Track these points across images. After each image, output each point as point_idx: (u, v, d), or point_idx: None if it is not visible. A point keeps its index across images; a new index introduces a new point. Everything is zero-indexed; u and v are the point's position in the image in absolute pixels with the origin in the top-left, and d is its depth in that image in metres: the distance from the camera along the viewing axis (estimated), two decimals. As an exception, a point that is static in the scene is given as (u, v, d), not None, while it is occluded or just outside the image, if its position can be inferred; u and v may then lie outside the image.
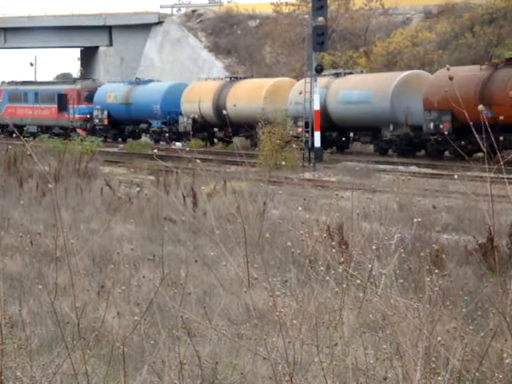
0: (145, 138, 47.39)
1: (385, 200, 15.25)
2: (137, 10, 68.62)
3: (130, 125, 48.63)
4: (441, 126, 30.93)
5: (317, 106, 30.78)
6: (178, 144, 42.11)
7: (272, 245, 9.70)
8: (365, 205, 11.65)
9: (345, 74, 38.07)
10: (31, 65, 8.82)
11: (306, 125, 31.34)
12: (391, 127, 34.15)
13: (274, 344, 4.53)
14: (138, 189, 17.35)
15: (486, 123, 3.96)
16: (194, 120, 44.52)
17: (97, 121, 50.33)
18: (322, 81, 35.38)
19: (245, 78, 45.06)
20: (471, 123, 4.25)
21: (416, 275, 7.42)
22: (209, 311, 5.83)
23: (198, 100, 44.25)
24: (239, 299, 7.56)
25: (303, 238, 5.35)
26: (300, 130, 34.02)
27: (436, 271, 5.07)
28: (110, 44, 68.29)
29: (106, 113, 49.64)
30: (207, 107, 43.70)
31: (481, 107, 3.89)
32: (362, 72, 39.22)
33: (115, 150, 40.56)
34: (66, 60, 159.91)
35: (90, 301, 6.86)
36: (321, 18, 30.40)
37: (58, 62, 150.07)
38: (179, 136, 44.41)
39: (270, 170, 23.52)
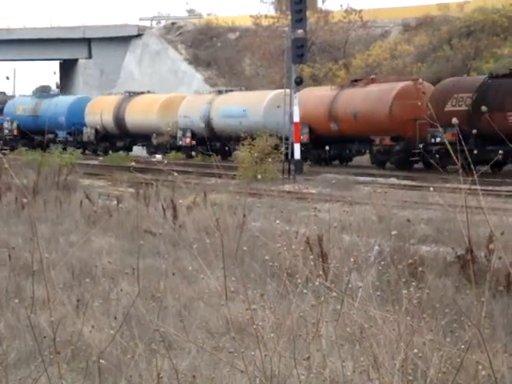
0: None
1: (364, 212, 15.30)
2: (116, 23, 68.58)
3: (38, 135, 51.29)
4: (301, 137, 34.69)
5: (296, 118, 30.85)
6: (158, 156, 42.31)
7: (252, 258, 9.70)
8: (344, 217, 11.67)
9: (226, 91, 44.17)
10: (7, 78, 8.80)
11: (286, 137, 31.42)
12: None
13: (252, 357, 4.54)
14: (117, 202, 17.32)
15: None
16: (96, 131, 50.22)
17: (7, 131, 55.19)
18: (206, 97, 43.60)
19: (142, 93, 50.14)
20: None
21: (394, 287, 7.44)
22: (187, 324, 5.83)
23: (100, 112, 49.95)
24: (218, 312, 7.56)
25: (281, 250, 5.36)
26: (188, 140, 42.46)
27: (413, 283, 5.09)
28: (90, 56, 68.19)
29: (15, 124, 54.49)
30: (108, 119, 49.35)
31: (454, 120, 3.93)
32: (240, 89, 44.71)
33: (95, 162, 40.49)
34: (45, 73, 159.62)
35: (68, 314, 6.84)
36: (300, 31, 30.51)
37: (37, 75, 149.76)
38: (83, 145, 48.92)
39: (249, 183, 23.54)
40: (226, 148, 41.60)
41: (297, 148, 30.62)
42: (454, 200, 13.83)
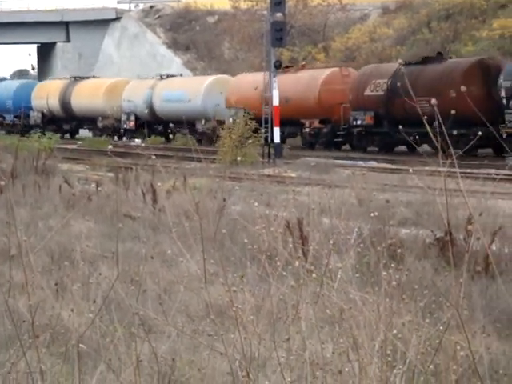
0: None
1: (344, 195, 15.33)
2: (94, 6, 68.01)
3: None
4: (237, 121, 36.27)
5: (276, 102, 30.81)
6: (137, 141, 42.35)
7: (232, 241, 9.69)
8: (324, 200, 11.68)
9: (167, 76, 46.52)
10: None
11: (266, 121, 31.40)
12: (203, 121, 41.76)
13: (231, 340, 4.54)
14: (97, 186, 17.26)
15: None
16: (43, 114, 52.35)
17: None
18: (149, 82, 45.75)
19: (87, 77, 52.31)
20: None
21: (374, 270, 7.47)
22: (167, 308, 5.82)
23: (46, 97, 51.86)
24: (198, 296, 7.55)
25: (260, 233, 5.36)
26: (132, 124, 45.07)
27: (393, 265, 5.11)
28: (68, 40, 67.66)
29: None
30: (54, 103, 51.40)
31: (433, 101, 3.94)
32: (181, 75, 47.52)
33: (74, 146, 40.29)
34: (23, 56, 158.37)
35: (46, 298, 6.81)
36: (279, 14, 30.43)
37: (14, 59, 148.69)
38: (30, 128, 48.50)
39: (229, 166, 23.51)
40: (169, 131, 44.14)
41: (276, 132, 30.59)
42: (433, 183, 13.86)
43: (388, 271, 4.85)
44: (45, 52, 69.73)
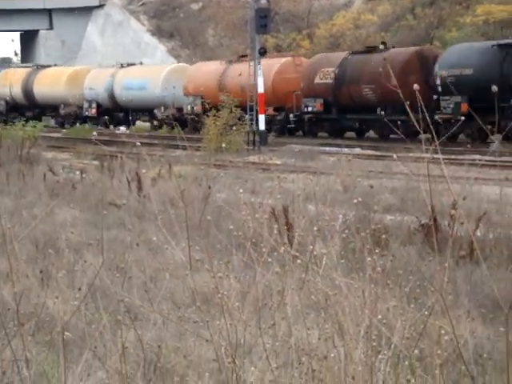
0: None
1: (329, 182, 15.35)
2: (78, -7, 67.59)
3: None
4: (195, 108, 39.60)
5: (261, 89, 30.76)
6: (122, 128, 42.40)
7: (217, 228, 9.69)
8: (309, 187, 11.69)
9: (128, 65, 47.51)
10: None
11: (251, 108, 31.38)
12: (162, 109, 42.93)
13: (217, 326, 4.55)
14: (81, 174, 17.21)
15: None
16: (6, 102, 53.63)
17: None
18: (110, 71, 47.07)
19: (48, 66, 53.19)
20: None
21: (359, 256, 7.49)
22: (153, 295, 5.82)
23: (9, 85, 53.24)
24: (184, 283, 7.55)
25: (245, 220, 5.36)
26: (94, 111, 46.42)
27: (377, 251, 5.12)
28: (51, 27, 67.25)
29: None
30: (17, 91, 52.77)
31: (415, 86, 3.95)
32: (141, 64, 48.32)
33: (59, 135, 40.14)
34: (6, 44, 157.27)
35: (31, 287, 6.80)
36: (263, 1, 30.37)
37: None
38: None
39: (214, 154, 23.49)
40: (130, 118, 45.87)
41: (261, 119, 30.56)
42: (417, 169, 13.88)
43: (373, 257, 4.86)
44: (28, 39, 69.32)
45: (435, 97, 30.85)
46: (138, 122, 45.67)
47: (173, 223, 5.86)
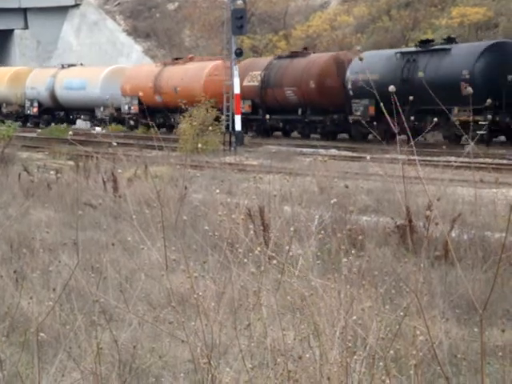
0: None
1: (305, 183, 15.37)
2: (53, -8, 67.18)
3: None
4: (132, 108, 41.67)
5: (237, 90, 30.75)
6: (98, 129, 42.30)
7: (193, 229, 9.68)
8: (285, 188, 11.70)
9: (68, 66, 49.31)
10: None
11: (227, 109, 31.36)
12: (102, 108, 44.87)
13: (193, 327, 4.54)
14: (56, 174, 17.11)
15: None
16: None
17: None
18: (51, 71, 49.05)
19: None
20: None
21: (335, 256, 7.50)
22: (128, 296, 5.80)
23: None
24: (160, 284, 7.53)
25: (221, 220, 5.35)
26: (35, 110, 48.48)
27: (353, 252, 5.14)
28: (26, 27, 66.78)
29: None
30: None
31: (391, 88, 3.96)
32: (81, 65, 49.84)
33: (33, 135, 39.92)
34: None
35: (6, 287, 6.75)
36: (239, 2, 30.34)
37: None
38: None
39: (190, 154, 23.44)
40: (71, 117, 47.76)
41: (237, 120, 30.55)
42: (393, 170, 13.94)
43: (349, 258, 4.87)
44: (2, 39, 68.77)
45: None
46: (79, 121, 47.20)
47: (149, 223, 5.84)
